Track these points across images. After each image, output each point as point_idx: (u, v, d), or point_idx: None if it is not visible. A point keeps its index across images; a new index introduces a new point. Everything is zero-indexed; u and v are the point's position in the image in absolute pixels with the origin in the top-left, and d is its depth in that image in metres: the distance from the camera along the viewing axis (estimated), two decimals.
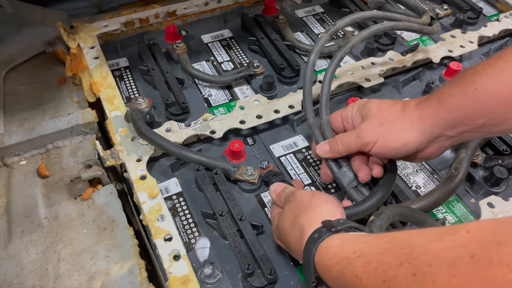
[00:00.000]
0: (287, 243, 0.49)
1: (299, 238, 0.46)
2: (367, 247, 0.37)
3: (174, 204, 0.62)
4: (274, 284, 0.54)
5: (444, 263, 0.28)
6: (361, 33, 0.67)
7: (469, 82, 0.46)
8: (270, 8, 0.93)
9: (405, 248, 0.32)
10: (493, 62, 0.45)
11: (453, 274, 0.27)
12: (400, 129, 0.50)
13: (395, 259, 0.32)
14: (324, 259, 0.41)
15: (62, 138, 0.70)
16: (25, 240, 0.58)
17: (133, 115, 0.66)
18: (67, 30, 0.83)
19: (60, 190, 0.64)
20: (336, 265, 0.39)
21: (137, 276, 0.55)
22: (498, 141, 0.69)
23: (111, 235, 0.59)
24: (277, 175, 0.62)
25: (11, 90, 0.79)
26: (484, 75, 0.45)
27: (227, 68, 0.84)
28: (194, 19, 0.93)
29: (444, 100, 0.48)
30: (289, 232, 0.48)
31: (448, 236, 0.30)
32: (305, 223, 0.46)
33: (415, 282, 0.29)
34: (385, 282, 0.32)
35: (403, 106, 0.51)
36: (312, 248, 0.42)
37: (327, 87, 0.63)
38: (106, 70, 0.77)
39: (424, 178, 0.67)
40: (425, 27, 0.74)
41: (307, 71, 0.64)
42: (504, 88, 0.44)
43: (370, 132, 0.51)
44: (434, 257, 0.29)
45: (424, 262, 0.30)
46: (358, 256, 0.37)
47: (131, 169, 0.62)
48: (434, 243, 0.31)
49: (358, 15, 0.69)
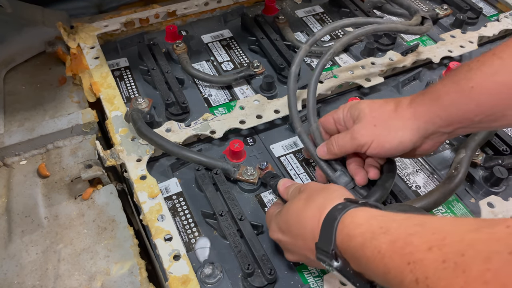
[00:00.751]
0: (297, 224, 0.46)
1: (316, 213, 0.43)
2: (396, 225, 0.35)
3: (174, 204, 0.62)
4: (274, 284, 0.54)
5: (478, 255, 0.27)
6: (342, 39, 0.69)
7: (464, 80, 0.46)
8: (270, 8, 0.93)
9: (437, 234, 0.31)
10: (488, 59, 0.45)
11: (487, 268, 0.26)
12: (394, 128, 0.50)
13: (425, 243, 0.31)
14: (347, 227, 0.39)
15: (62, 138, 0.70)
16: (25, 240, 0.58)
17: (133, 115, 0.66)
18: (67, 30, 0.83)
19: (60, 190, 0.64)
20: (359, 236, 0.37)
21: (137, 276, 0.55)
22: (498, 141, 0.69)
23: (111, 235, 0.59)
24: (275, 177, 0.62)
25: (11, 90, 0.79)
26: (479, 73, 0.45)
27: (227, 68, 0.84)
28: (194, 19, 0.93)
29: (439, 98, 0.48)
30: (302, 212, 0.45)
31: (485, 229, 0.29)
32: (326, 200, 0.44)
33: (443, 269, 0.28)
34: (410, 264, 0.30)
35: (396, 105, 0.51)
36: (337, 215, 0.40)
37: (312, 96, 0.64)
38: (106, 70, 0.77)
39: (424, 178, 0.67)
40: (412, 28, 0.74)
41: (290, 82, 0.66)
42: (501, 87, 0.44)
43: (364, 134, 0.51)
44: (468, 247, 0.28)
45: (456, 250, 0.28)
46: (384, 233, 0.35)
47: (131, 169, 0.62)
48: (470, 234, 0.29)
49: (338, 23, 0.70)
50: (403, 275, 0.31)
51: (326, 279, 0.53)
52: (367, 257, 0.35)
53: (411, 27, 0.74)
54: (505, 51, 0.45)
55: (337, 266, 0.39)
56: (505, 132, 0.71)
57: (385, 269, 0.33)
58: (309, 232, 0.44)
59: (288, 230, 0.48)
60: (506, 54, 0.44)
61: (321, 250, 0.41)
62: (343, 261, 0.39)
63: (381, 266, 0.33)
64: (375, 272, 0.35)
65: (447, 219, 0.34)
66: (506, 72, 0.44)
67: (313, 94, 0.64)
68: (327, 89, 0.75)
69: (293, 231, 0.47)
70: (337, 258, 0.39)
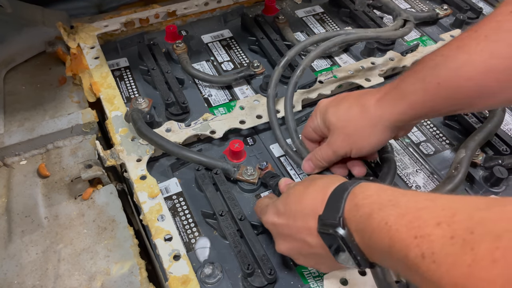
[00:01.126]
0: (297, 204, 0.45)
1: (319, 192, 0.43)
2: (405, 200, 0.34)
3: (174, 204, 0.62)
4: (274, 284, 0.54)
5: (488, 233, 0.26)
6: (310, 55, 0.70)
7: (430, 77, 0.46)
8: (270, 8, 0.93)
9: (447, 210, 0.30)
10: (453, 54, 0.45)
11: (497, 246, 0.25)
12: (366, 133, 0.52)
13: (434, 218, 0.30)
14: (356, 197, 0.38)
15: (62, 138, 0.70)
16: (25, 240, 0.58)
17: (133, 115, 0.66)
18: (67, 30, 0.83)
19: (60, 190, 0.64)
20: (367, 206, 0.36)
21: (137, 276, 0.55)
22: (498, 141, 0.69)
23: (111, 235, 0.59)
24: (274, 177, 0.62)
25: (11, 90, 0.79)
26: (445, 69, 0.45)
27: (227, 68, 0.84)
28: (194, 19, 0.93)
29: (405, 96, 0.48)
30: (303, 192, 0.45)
31: (496, 208, 0.28)
32: (329, 182, 0.43)
33: (451, 245, 0.27)
34: (417, 238, 0.30)
35: (361, 108, 0.52)
36: (348, 186, 0.40)
37: (290, 117, 0.66)
38: (106, 70, 0.77)
39: (424, 178, 0.67)
40: (384, 33, 0.74)
41: (269, 104, 0.68)
42: (467, 82, 0.44)
43: (341, 145, 0.54)
44: (478, 225, 0.27)
45: (465, 227, 0.28)
46: (393, 205, 0.34)
47: (131, 169, 0.62)
48: (480, 212, 0.29)
49: (308, 40, 0.72)
50: (408, 249, 0.30)
51: (326, 279, 0.53)
52: (373, 228, 0.34)
53: (383, 33, 0.74)
54: (469, 44, 0.44)
55: (343, 233, 0.38)
56: (505, 132, 0.71)
57: (390, 241, 0.32)
58: (310, 210, 0.43)
59: (286, 212, 0.46)
60: (471, 48, 0.44)
61: (324, 221, 0.40)
62: (348, 231, 0.38)
63: (386, 239, 0.33)
64: (379, 245, 0.34)
65: (458, 197, 0.33)
66: (472, 66, 0.44)
67: (291, 114, 0.66)
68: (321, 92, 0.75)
69: (292, 211, 0.46)
70: (343, 225, 0.38)
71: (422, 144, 0.71)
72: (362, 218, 0.36)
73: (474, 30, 0.45)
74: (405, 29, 0.76)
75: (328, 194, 0.41)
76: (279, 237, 0.49)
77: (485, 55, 0.43)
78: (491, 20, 0.44)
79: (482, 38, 0.43)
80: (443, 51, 0.46)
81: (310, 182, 0.46)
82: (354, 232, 0.38)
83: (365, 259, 0.38)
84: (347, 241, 0.38)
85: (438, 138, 0.72)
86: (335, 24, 0.95)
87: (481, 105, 0.47)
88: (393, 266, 0.34)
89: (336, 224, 0.38)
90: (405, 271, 0.31)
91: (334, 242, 0.39)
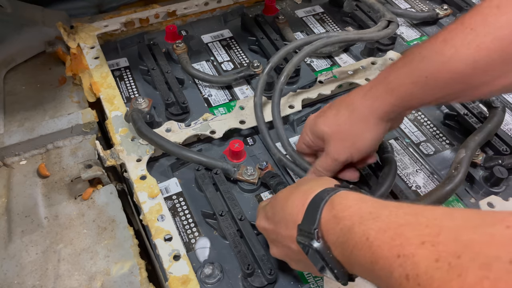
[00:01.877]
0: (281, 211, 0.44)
1: (302, 197, 0.41)
2: (387, 213, 0.33)
3: (174, 204, 0.62)
4: (274, 284, 0.54)
5: (476, 259, 0.25)
6: (293, 60, 0.71)
7: (418, 70, 0.46)
8: (270, 8, 0.93)
9: (431, 228, 0.29)
10: (440, 47, 0.45)
11: (486, 275, 0.24)
12: (360, 133, 0.52)
13: (417, 236, 0.29)
14: (334, 208, 0.37)
15: (62, 138, 0.70)
16: (25, 240, 0.58)
17: (133, 115, 0.66)
18: (67, 30, 0.83)
19: (60, 190, 0.64)
20: (347, 219, 0.35)
21: (137, 276, 0.55)
22: (498, 141, 0.69)
23: (111, 235, 0.59)
24: (274, 177, 0.62)
25: (11, 90, 0.79)
26: (432, 62, 0.45)
27: (227, 68, 0.84)
28: (194, 19, 0.93)
29: (394, 90, 0.48)
30: (287, 197, 0.44)
31: (483, 228, 0.26)
32: (313, 186, 0.42)
33: (436, 269, 0.26)
34: (399, 257, 0.28)
35: (350, 110, 0.52)
36: (325, 195, 0.38)
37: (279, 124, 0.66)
38: (106, 70, 0.77)
39: (424, 178, 0.67)
40: (366, 35, 0.75)
41: (256, 111, 0.68)
42: (455, 75, 0.45)
43: (340, 151, 0.54)
44: (465, 249, 0.26)
45: (451, 251, 0.26)
46: (374, 219, 0.33)
47: (131, 169, 0.62)
48: (467, 231, 0.27)
49: (291, 45, 0.72)
50: (392, 268, 0.29)
51: (326, 279, 0.53)
52: (355, 242, 0.33)
53: (364, 35, 0.75)
54: (456, 37, 0.44)
55: (318, 246, 0.36)
56: (506, 132, 0.71)
57: (372, 258, 0.31)
58: (292, 217, 0.42)
59: (272, 217, 0.46)
60: (458, 41, 0.44)
61: (302, 232, 0.39)
62: (324, 243, 0.37)
63: (368, 255, 0.31)
64: (361, 261, 0.32)
65: (441, 210, 0.31)
66: (459, 60, 0.44)
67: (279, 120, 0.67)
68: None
69: (276, 217, 0.45)
70: (318, 238, 0.37)
71: (422, 144, 0.71)
72: (343, 231, 0.35)
73: (460, 23, 0.45)
74: (388, 30, 0.77)
75: (307, 202, 0.40)
76: (270, 241, 0.49)
77: (472, 48, 0.43)
78: (477, 12, 0.44)
79: (469, 31, 0.43)
80: (429, 44, 0.46)
81: (295, 187, 0.45)
82: (333, 245, 0.36)
83: (343, 272, 0.36)
84: (322, 254, 0.36)
85: (438, 138, 0.72)
86: (335, 24, 0.95)
87: (469, 96, 0.48)
88: (375, 282, 0.32)
89: (312, 236, 0.37)
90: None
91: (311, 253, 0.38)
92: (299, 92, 0.75)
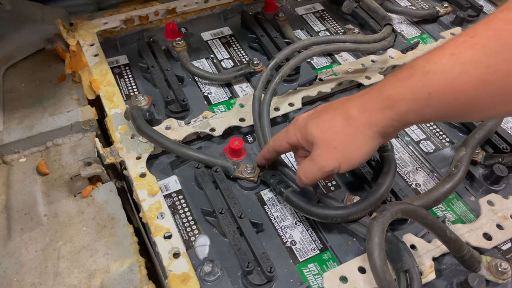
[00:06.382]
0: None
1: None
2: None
3: (173, 201, 0.62)
4: (274, 282, 0.54)
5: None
6: (289, 63, 0.72)
7: (421, 85, 0.43)
8: (270, 6, 0.93)
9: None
10: (446, 63, 0.41)
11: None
12: (355, 144, 0.49)
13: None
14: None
15: (61, 136, 0.70)
16: (24, 237, 0.58)
17: (133, 113, 0.66)
18: (67, 27, 0.83)
19: (59, 188, 0.64)
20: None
21: (136, 273, 0.55)
22: (498, 139, 0.69)
23: (110, 232, 0.59)
24: (275, 175, 0.61)
25: (10, 88, 0.79)
26: (437, 79, 0.42)
27: (227, 66, 0.83)
28: (194, 17, 0.93)
29: (394, 105, 0.45)
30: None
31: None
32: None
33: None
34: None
35: (346, 119, 0.49)
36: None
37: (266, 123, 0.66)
38: (106, 68, 0.76)
39: (424, 176, 0.67)
40: (363, 46, 0.76)
41: (254, 105, 0.68)
42: (460, 95, 0.41)
43: (329, 159, 0.50)
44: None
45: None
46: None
47: (131, 166, 0.62)
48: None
49: (298, 44, 0.73)
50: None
51: (326, 276, 0.53)
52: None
53: (362, 45, 0.76)
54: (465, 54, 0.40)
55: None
56: (506, 130, 0.71)
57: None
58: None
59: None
60: (466, 58, 0.40)
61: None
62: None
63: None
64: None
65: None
66: (466, 79, 0.40)
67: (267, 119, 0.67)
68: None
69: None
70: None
71: (422, 142, 0.71)
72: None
73: (470, 36, 0.40)
74: (384, 42, 0.78)
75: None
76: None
77: (481, 69, 0.39)
78: (489, 27, 0.40)
79: (479, 48, 0.39)
80: (435, 58, 0.42)
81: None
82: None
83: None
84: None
85: (438, 136, 0.72)
86: (335, 21, 0.94)
87: (471, 118, 0.46)
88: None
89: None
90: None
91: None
92: (299, 89, 0.75)
